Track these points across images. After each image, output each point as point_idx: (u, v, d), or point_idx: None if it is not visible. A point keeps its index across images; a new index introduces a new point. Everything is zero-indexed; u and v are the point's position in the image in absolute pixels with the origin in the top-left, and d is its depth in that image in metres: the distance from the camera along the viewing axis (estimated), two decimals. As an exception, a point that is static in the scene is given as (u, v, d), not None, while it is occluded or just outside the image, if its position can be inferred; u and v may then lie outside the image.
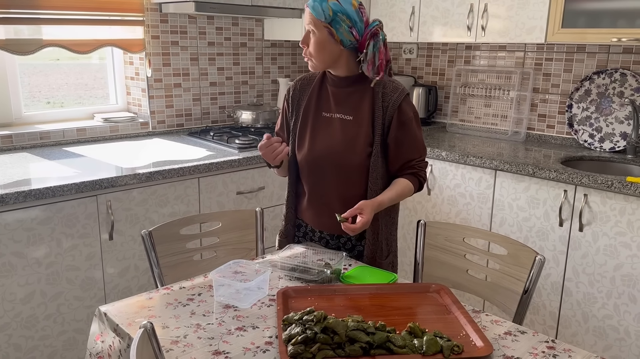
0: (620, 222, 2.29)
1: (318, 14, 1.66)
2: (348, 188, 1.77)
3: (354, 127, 1.75)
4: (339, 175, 1.77)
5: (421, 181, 1.80)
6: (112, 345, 1.35)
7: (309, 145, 1.80)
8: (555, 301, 2.54)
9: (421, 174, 1.80)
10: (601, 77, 2.86)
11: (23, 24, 2.57)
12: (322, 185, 1.81)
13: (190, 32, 3.14)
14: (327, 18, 1.66)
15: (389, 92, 1.74)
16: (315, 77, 1.86)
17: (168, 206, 2.46)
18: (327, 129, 1.79)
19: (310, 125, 1.81)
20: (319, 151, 1.78)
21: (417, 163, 1.79)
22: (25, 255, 2.09)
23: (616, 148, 2.84)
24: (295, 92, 1.87)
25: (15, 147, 2.65)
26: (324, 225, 1.85)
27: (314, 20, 1.67)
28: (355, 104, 1.76)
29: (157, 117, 3.11)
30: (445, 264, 1.90)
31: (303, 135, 1.82)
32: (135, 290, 2.42)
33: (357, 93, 1.77)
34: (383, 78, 1.73)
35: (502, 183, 2.65)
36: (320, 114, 1.81)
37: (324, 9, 1.66)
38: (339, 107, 1.78)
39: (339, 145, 1.75)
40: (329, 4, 1.65)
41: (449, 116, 3.52)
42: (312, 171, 1.81)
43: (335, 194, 1.79)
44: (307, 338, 1.22)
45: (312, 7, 1.67)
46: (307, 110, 1.83)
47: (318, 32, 1.68)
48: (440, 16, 3.08)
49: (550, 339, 1.31)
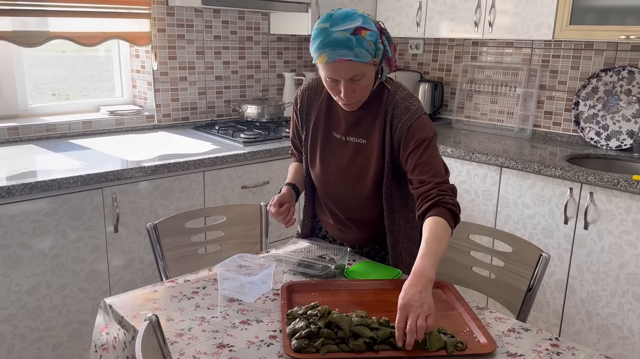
0: (626, 221, 2.28)
1: (365, 57, 1.43)
2: (362, 212, 1.70)
3: (368, 151, 1.62)
4: (352, 201, 1.69)
5: (451, 209, 1.47)
6: (117, 337, 1.36)
7: (321, 168, 1.70)
8: (559, 299, 2.54)
9: (445, 201, 1.47)
10: (609, 74, 2.84)
11: (30, 15, 2.57)
12: (338, 206, 1.74)
13: (197, 26, 3.13)
14: (372, 52, 1.45)
15: (398, 113, 1.56)
16: (321, 89, 1.70)
17: (173, 200, 2.47)
18: (338, 152, 1.67)
19: (320, 145, 1.69)
20: (331, 175, 1.69)
21: (436, 187, 1.50)
22: (30, 246, 2.10)
23: (623, 147, 2.82)
24: (303, 105, 1.73)
25: (22, 138, 2.66)
26: (346, 239, 1.82)
27: (361, 66, 1.44)
28: (368, 126, 1.62)
29: (163, 110, 3.11)
30: (449, 261, 1.90)
31: (314, 154, 1.72)
32: (140, 283, 2.43)
33: (370, 115, 1.61)
34: (397, 87, 1.61)
35: (507, 180, 2.65)
36: (331, 134, 1.68)
37: (367, 48, 1.42)
38: (352, 130, 1.64)
39: (351, 171, 1.65)
40: (367, 38, 1.42)
41: (455, 112, 3.51)
42: (325, 192, 1.74)
43: (352, 216, 1.73)
44: (311, 333, 1.22)
45: (354, 55, 1.41)
46: (316, 128, 1.70)
47: (367, 73, 1.48)
48: (447, 12, 3.06)
49: (553, 336, 1.31)
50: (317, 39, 1.43)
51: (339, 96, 1.53)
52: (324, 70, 1.48)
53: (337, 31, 1.40)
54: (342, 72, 1.45)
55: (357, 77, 1.46)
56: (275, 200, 1.67)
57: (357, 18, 1.42)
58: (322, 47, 1.42)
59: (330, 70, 1.46)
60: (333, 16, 1.42)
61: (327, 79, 1.50)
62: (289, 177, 1.84)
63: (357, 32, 1.41)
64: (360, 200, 1.68)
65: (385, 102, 1.59)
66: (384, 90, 1.61)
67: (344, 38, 1.40)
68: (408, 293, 1.25)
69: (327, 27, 1.41)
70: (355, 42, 1.40)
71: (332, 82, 1.50)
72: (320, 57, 1.44)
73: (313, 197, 1.85)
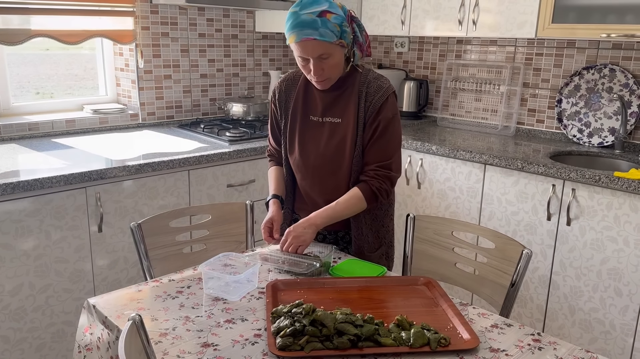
0: (607, 217, 2.31)
1: (330, 36, 1.57)
2: (339, 191, 1.75)
3: (343, 129, 1.73)
4: (330, 179, 1.77)
5: (374, 191, 1.69)
6: (101, 337, 1.35)
7: (299, 151, 1.79)
8: (543, 295, 2.57)
9: (374, 183, 1.69)
10: (590, 72, 2.88)
11: (12, 13, 2.54)
12: (315, 188, 1.81)
13: (181, 24, 3.12)
14: (337, 34, 1.59)
15: (372, 91, 1.70)
16: (299, 77, 1.82)
17: (158, 199, 2.45)
18: (315, 134, 1.77)
19: (299, 129, 1.79)
20: (309, 157, 1.78)
21: (377, 169, 1.70)
22: (13, 246, 2.07)
23: (604, 143, 2.86)
24: (282, 94, 1.83)
25: (4, 138, 2.63)
26: None
27: (326, 45, 1.58)
28: (343, 106, 1.73)
29: (147, 109, 3.09)
30: (434, 257, 1.92)
31: (292, 140, 1.81)
32: (124, 283, 2.41)
33: (344, 95, 1.73)
34: (368, 69, 1.72)
35: (491, 177, 2.67)
36: (308, 118, 1.78)
37: (332, 29, 1.57)
38: (328, 111, 1.75)
39: (328, 150, 1.75)
40: (331, 20, 1.57)
41: (439, 110, 3.53)
42: (304, 176, 1.82)
43: (329, 198, 1.77)
44: (295, 331, 1.22)
45: (319, 34, 1.55)
46: (294, 113, 1.80)
47: (335, 53, 1.62)
48: (432, 10, 3.08)
49: (536, 332, 1.33)
50: (288, 21, 1.59)
51: (310, 74, 1.67)
52: (295, 50, 1.63)
53: (305, 14, 1.56)
54: (309, 50, 1.59)
55: (324, 55, 1.61)
56: (265, 224, 1.76)
57: (324, 3, 1.58)
58: (291, 28, 1.58)
59: (299, 49, 1.61)
60: (303, 1, 1.59)
61: (299, 58, 1.65)
62: (273, 187, 1.90)
63: (323, 14, 1.56)
64: (338, 179, 1.76)
65: (358, 82, 1.73)
66: (356, 73, 1.75)
67: (310, 19, 1.55)
68: (295, 227, 1.63)
69: (296, 11, 1.58)
70: (320, 23, 1.55)
71: (303, 61, 1.64)
72: (290, 37, 1.60)
73: (293, 189, 1.90)
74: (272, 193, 1.87)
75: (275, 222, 1.76)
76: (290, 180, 1.89)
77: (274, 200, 1.84)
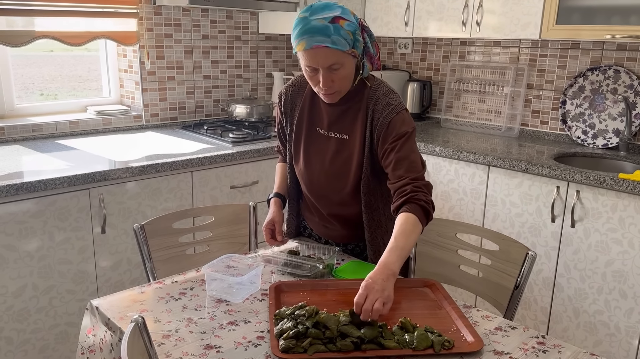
0: (612, 219, 2.30)
1: (342, 45, 1.44)
2: (345, 208, 1.72)
3: (350, 148, 1.63)
4: (334, 196, 1.71)
5: (423, 206, 1.47)
6: (104, 339, 1.35)
7: (304, 163, 1.72)
8: (547, 297, 2.56)
9: (417, 197, 1.48)
10: (595, 73, 2.87)
11: (16, 15, 2.55)
12: (320, 201, 1.75)
13: (185, 25, 3.12)
14: (350, 43, 1.46)
15: (379, 109, 1.57)
16: (306, 84, 1.71)
17: (161, 200, 2.45)
18: (321, 148, 1.68)
19: (304, 140, 1.71)
20: (314, 171, 1.70)
21: (412, 181, 1.51)
22: (17, 248, 2.08)
23: (609, 145, 2.85)
24: (287, 101, 1.74)
25: (8, 139, 2.63)
26: (331, 236, 1.83)
27: (339, 54, 1.46)
28: (349, 122, 1.63)
29: (151, 110, 3.09)
30: (437, 259, 1.91)
31: (298, 150, 1.74)
32: (127, 284, 2.41)
33: (351, 111, 1.62)
34: (378, 83, 1.63)
35: (495, 179, 2.66)
36: (314, 130, 1.69)
37: (344, 37, 1.44)
38: (334, 125, 1.65)
39: (333, 168, 1.66)
40: (344, 27, 1.44)
41: (443, 111, 3.53)
42: (308, 189, 1.76)
43: (334, 212, 1.74)
44: (298, 333, 1.22)
45: (332, 42, 1.42)
46: (300, 123, 1.71)
47: (346, 64, 1.49)
48: (436, 11, 3.07)
49: (540, 334, 1.32)
50: (297, 27, 1.46)
51: (318, 86, 1.54)
52: (303, 59, 1.49)
53: (316, 19, 1.43)
54: (320, 59, 1.46)
55: (335, 65, 1.48)
56: (266, 226, 1.72)
57: (336, 9, 1.46)
58: (300, 35, 1.45)
59: (309, 58, 1.47)
60: (313, 6, 1.46)
61: (307, 68, 1.51)
62: (277, 184, 1.87)
63: (335, 20, 1.43)
64: (343, 196, 1.69)
65: (366, 98, 1.61)
66: (365, 86, 1.62)
67: (322, 25, 1.42)
68: (373, 278, 1.32)
69: (306, 16, 1.45)
70: (332, 29, 1.42)
71: (311, 71, 1.51)
72: (299, 44, 1.46)
73: (298, 195, 1.86)
74: (275, 191, 1.84)
75: (277, 223, 1.73)
76: (295, 187, 1.83)
77: (275, 199, 1.80)
